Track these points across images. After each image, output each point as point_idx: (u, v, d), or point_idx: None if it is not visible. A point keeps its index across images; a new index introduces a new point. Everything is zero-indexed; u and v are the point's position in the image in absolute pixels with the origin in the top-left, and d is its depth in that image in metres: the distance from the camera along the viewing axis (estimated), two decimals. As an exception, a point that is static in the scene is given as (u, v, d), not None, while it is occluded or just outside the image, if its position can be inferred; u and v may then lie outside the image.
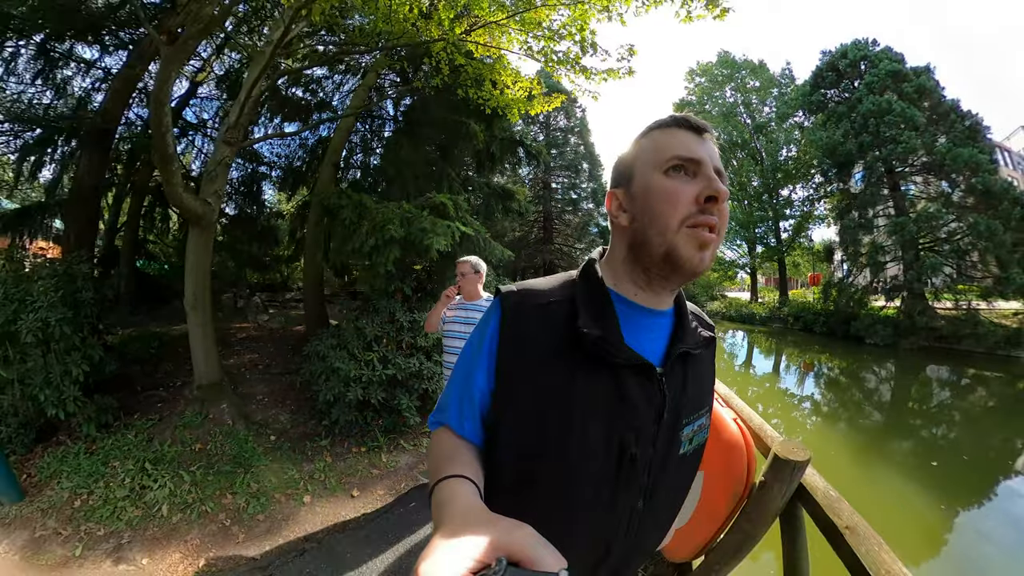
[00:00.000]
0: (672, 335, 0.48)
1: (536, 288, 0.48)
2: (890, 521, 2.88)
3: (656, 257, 0.43)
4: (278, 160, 6.51)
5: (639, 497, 0.45)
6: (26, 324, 2.27)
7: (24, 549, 1.82)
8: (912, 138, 10.95)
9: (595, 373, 0.42)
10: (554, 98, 3.44)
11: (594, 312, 0.44)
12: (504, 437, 0.44)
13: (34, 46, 4.41)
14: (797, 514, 0.91)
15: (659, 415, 0.44)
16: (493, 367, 0.46)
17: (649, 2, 2.38)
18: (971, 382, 7.95)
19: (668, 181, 0.42)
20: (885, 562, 0.67)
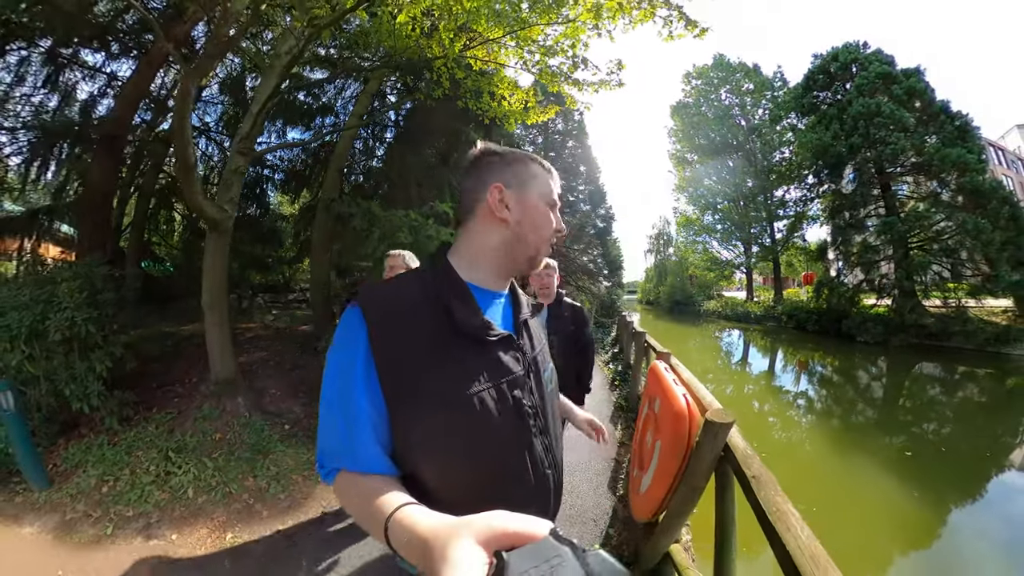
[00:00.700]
0: (514, 309, 0.59)
1: (392, 293, 0.50)
2: (866, 504, 3.02)
3: (526, 255, 0.56)
4: (281, 163, 6.64)
5: (542, 433, 0.54)
6: (54, 323, 2.42)
7: (56, 530, 1.96)
8: (901, 139, 11.18)
9: (476, 354, 0.48)
10: (549, 109, 3.62)
11: (464, 304, 0.49)
12: (418, 445, 0.45)
13: (41, 52, 4.53)
14: (726, 471, 1.12)
15: (527, 370, 0.54)
16: (376, 387, 0.44)
17: (634, 21, 2.55)
18: (959, 378, 8.09)
19: (548, 210, 0.57)
20: (777, 502, 0.85)
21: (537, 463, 0.52)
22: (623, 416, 3.65)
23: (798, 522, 0.78)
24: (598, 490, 2.30)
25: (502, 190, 0.54)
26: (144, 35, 4.56)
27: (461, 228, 0.57)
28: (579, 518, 2.02)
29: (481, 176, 0.55)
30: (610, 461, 2.68)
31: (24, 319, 2.40)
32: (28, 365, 2.44)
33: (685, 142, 21.87)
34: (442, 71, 3.11)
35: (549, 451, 0.54)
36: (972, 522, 2.97)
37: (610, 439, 3.07)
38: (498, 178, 0.54)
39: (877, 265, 12.30)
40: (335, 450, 0.46)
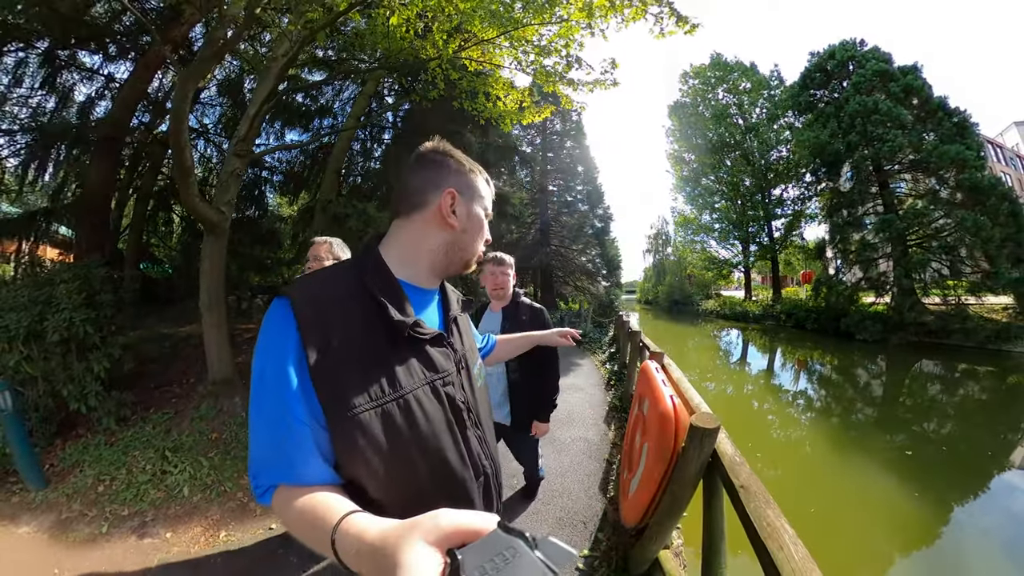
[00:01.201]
0: (443, 307, 0.60)
1: (324, 288, 0.48)
2: (865, 503, 3.01)
3: (464, 259, 0.57)
4: (280, 165, 6.67)
5: (475, 426, 0.55)
6: (52, 324, 2.43)
7: (52, 529, 1.97)
8: (899, 136, 11.19)
9: (409, 353, 0.48)
10: (543, 109, 3.65)
11: (397, 302, 0.49)
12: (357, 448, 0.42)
13: (39, 54, 4.55)
14: (713, 479, 1.05)
15: (458, 366, 0.55)
16: (311, 390, 0.42)
17: (627, 20, 2.57)
18: (959, 376, 8.04)
19: (485, 221, 0.59)
20: (768, 516, 0.78)
21: (475, 456, 0.53)
22: (617, 416, 3.60)
23: (792, 540, 0.71)
24: (589, 491, 2.24)
25: (455, 197, 0.53)
26: (141, 37, 4.59)
27: (400, 221, 0.55)
28: (569, 520, 1.96)
29: (436, 176, 0.54)
30: (601, 462, 2.62)
31: (22, 320, 2.42)
32: (26, 366, 2.46)
33: (683, 142, 21.88)
34: (437, 72, 3.13)
35: (484, 443, 0.56)
36: (973, 521, 2.95)
37: (603, 439, 3.05)
38: (452, 183, 0.54)
39: (876, 263, 12.30)
40: (269, 463, 0.43)
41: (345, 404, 0.42)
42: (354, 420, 0.42)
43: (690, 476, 1.10)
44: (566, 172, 15.10)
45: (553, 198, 15.01)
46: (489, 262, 1.57)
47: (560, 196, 15.17)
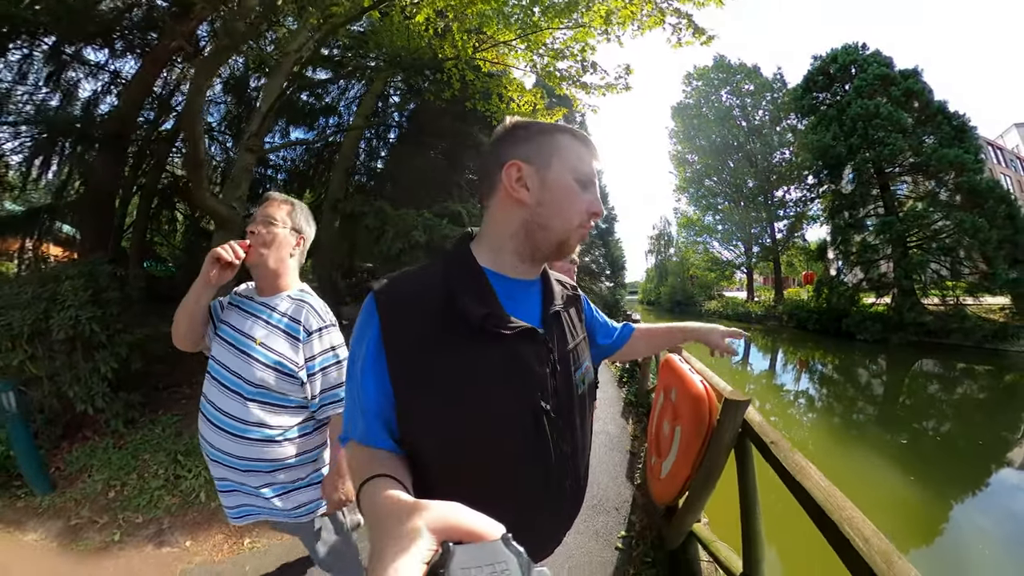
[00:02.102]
0: (544, 299, 0.54)
1: (406, 280, 0.49)
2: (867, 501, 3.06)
3: (552, 241, 0.50)
4: (284, 163, 6.60)
5: (561, 439, 0.49)
6: (58, 322, 2.35)
7: (61, 537, 1.89)
8: (899, 140, 11.31)
9: (489, 347, 0.45)
10: (555, 111, 3.65)
11: (474, 292, 0.46)
12: (421, 436, 0.45)
13: (44, 49, 4.47)
14: (745, 445, 1.22)
15: (553, 368, 0.49)
16: (385, 375, 0.45)
17: (644, 27, 2.57)
18: (958, 375, 8.18)
19: (578, 188, 0.50)
20: (796, 460, 0.97)
21: (551, 471, 0.48)
22: (633, 411, 3.72)
23: (816, 473, 0.89)
24: (617, 480, 2.38)
25: (520, 168, 0.48)
26: (148, 33, 4.51)
27: (485, 211, 0.53)
28: (602, 507, 2.07)
29: (500, 152, 0.50)
30: (625, 454, 2.76)
31: (26, 317, 2.34)
32: (30, 365, 2.38)
33: (686, 143, 21.99)
34: (453, 72, 3.11)
35: (568, 459, 0.51)
36: (975, 518, 3.01)
37: (623, 433, 3.16)
38: (517, 154, 0.49)
39: (876, 264, 12.41)
40: (349, 423, 0.49)
41: (414, 397, 0.44)
42: (420, 412, 0.44)
43: (724, 446, 1.25)
44: (569, 172, 15.07)
45: (556, 198, 14.97)
46: None
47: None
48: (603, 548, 1.76)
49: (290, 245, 0.96)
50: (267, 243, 0.92)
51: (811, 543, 0.78)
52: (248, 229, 0.94)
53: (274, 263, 0.93)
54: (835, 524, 0.73)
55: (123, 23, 4.52)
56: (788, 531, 1.05)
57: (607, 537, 1.84)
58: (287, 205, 0.99)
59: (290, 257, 0.97)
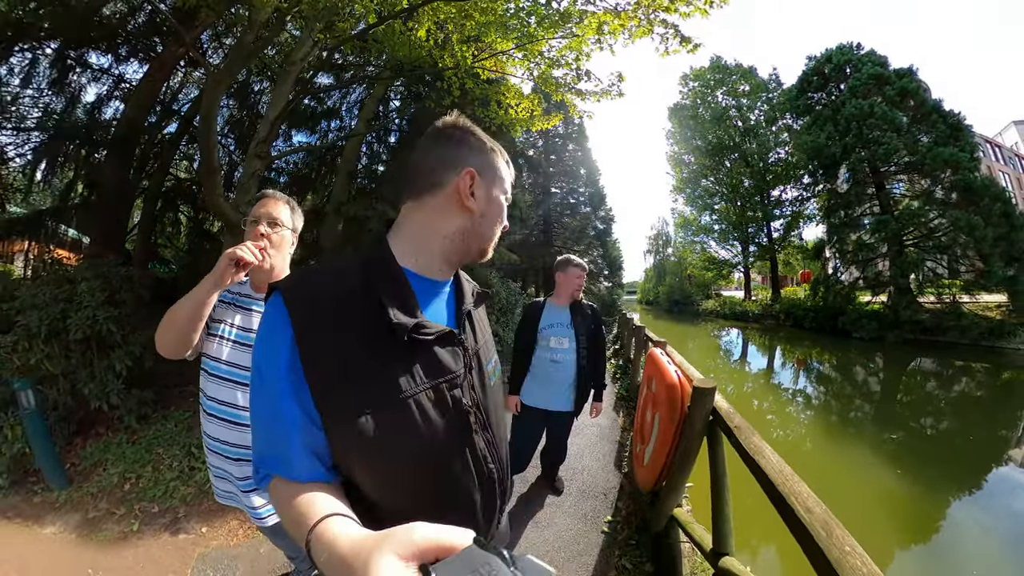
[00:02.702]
0: (456, 299, 0.55)
1: (321, 280, 0.45)
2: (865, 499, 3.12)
3: (479, 248, 0.52)
4: (286, 167, 6.69)
5: (484, 429, 0.51)
6: (75, 322, 2.44)
7: (79, 529, 1.97)
8: (894, 139, 11.41)
9: (411, 354, 0.44)
10: (553, 117, 3.77)
11: (400, 300, 0.44)
12: (353, 451, 0.41)
13: (48, 53, 4.55)
14: (716, 431, 1.31)
15: (468, 367, 0.50)
16: (305, 390, 0.40)
17: (634, 36, 2.69)
18: (955, 373, 8.17)
19: (504, 205, 0.54)
20: (754, 442, 1.06)
21: (479, 460, 0.50)
22: (624, 405, 3.84)
23: (771, 454, 0.98)
24: (605, 468, 2.48)
25: (475, 177, 0.49)
26: (152, 38, 4.60)
27: (411, 205, 0.50)
28: (591, 492, 2.18)
29: (454, 154, 0.49)
30: (614, 444, 2.87)
31: (43, 318, 2.43)
32: (47, 364, 2.47)
33: (682, 144, 22.11)
34: (453, 80, 3.22)
35: (492, 446, 0.52)
36: (973, 514, 3.04)
37: (613, 424, 3.27)
38: (472, 162, 0.49)
39: (873, 262, 12.50)
40: (266, 456, 0.43)
41: (340, 408, 0.41)
42: (349, 425, 0.40)
43: (697, 430, 1.35)
44: (569, 175, 15.22)
45: (556, 200, 15.13)
46: (576, 267, 1.77)
47: (563, 198, 15.30)
48: (590, 530, 1.86)
49: (290, 244, 0.99)
50: (276, 245, 0.94)
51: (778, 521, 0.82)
52: (257, 231, 0.91)
53: (279, 264, 0.96)
54: (782, 497, 0.79)
55: (127, 28, 4.60)
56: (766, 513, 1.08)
57: (594, 520, 1.93)
58: (287, 205, 0.99)
59: (288, 254, 1.00)
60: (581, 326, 1.74)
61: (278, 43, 4.63)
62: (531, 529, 1.85)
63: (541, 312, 1.79)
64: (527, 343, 1.78)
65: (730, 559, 1.16)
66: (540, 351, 1.76)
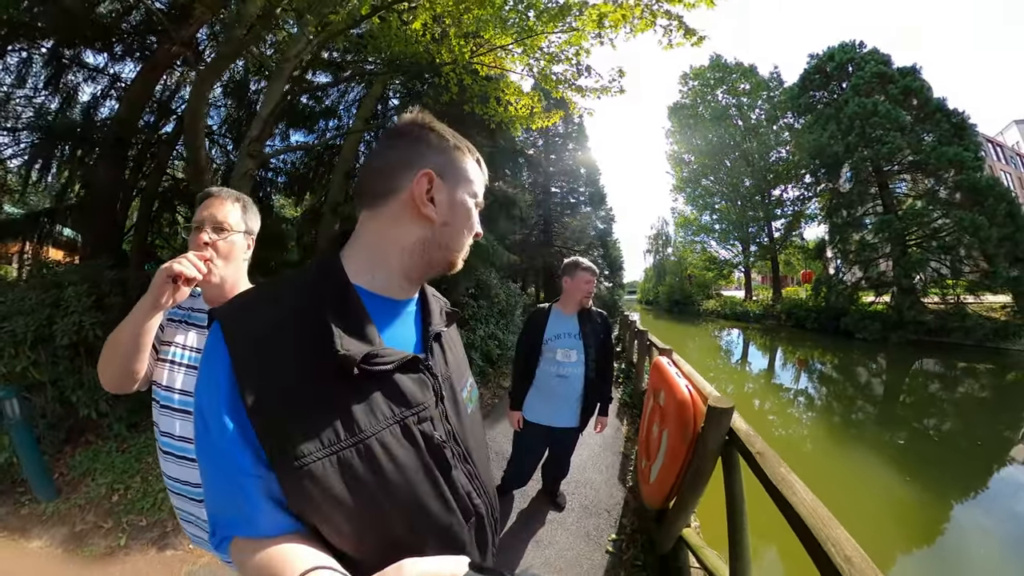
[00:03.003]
0: (422, 320, 0.49)
1: (263, 303, 0.40)
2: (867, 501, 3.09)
3: (444, 260, 0.46)
4: (284, 167, 6.62)
5: (464, 461, 0.46)
6: (61, 328, 2.37)
7: (66, 543, 1.90)
8: (898, 138, 11.34)
9: (369, 388, 0.39)
10: (553, 114, 3.69)
11: (351, 325, 0.39)
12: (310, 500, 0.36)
13: (43, 53, 4.50)
14: (731, 452, 1.21)
15: (438, 395, 0.45)
16: (251, 434, 0.35)
17: (636, 29, 2.61)
18: (959, 374, 8.13)
19: (473, 210, 0.47)
20: (782, 474, 0.97)
21: (462, 496, 0.45)
22: (628, 412, 3.73)
23: (803, 488, 0.90)
24: (609, 482, 2.39)
25: (433, 179, 0.43)
26: (148, 37, 4.54)
27: (366, 215, 0.45)
28: (594, 509, 2.09)
29: (408, 155, 0.43)
30: (618, 455, 2.77)
31: (29, 324, 2.36)
32: (33, 371, 2.40)
33: (682, 143, 22.04)
34: (451, 76, 3.14)
35: (474, 479, 0.48)
36: (977, 518, 3.01)
37: (617, 434, 3.14)
38: (430, 163, 0.43)
39: (875, 263, 12.43)
40: (222, 514, 0.37)
41: (292, 453, 0.35)
42: (304, 471, 0.35)
43: (711, 452, 1.25)
44: (569, 174, 15.16)
45: (556, 199, 15.07)
46: (585, 271, 1.59)
47: (563, 198, 15.24)
48: (593, 550, 1.78)
49: (244, 250, 0.83)
50: (224, 255, 0.78)
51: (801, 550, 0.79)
52: (199, 239, 0.76)
53: (231, 274, 0.80)
54: (818, 543, 0.73)
55: (122, 27, 4.54)
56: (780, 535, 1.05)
57: (598, 539, 1.85)
58: (238, 204, 0.83)
59: (243, 262, 0.84)
60: (590, 336, 1.59)
61: (275, 42, 4.57)
62: (532, 548, 1.77)
63: (546, 321, 1.62)
64: (530, 355, 1.61)
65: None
66: (545, 364, 1.60)
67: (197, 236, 0.77)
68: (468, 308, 4.32)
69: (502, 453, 2.69)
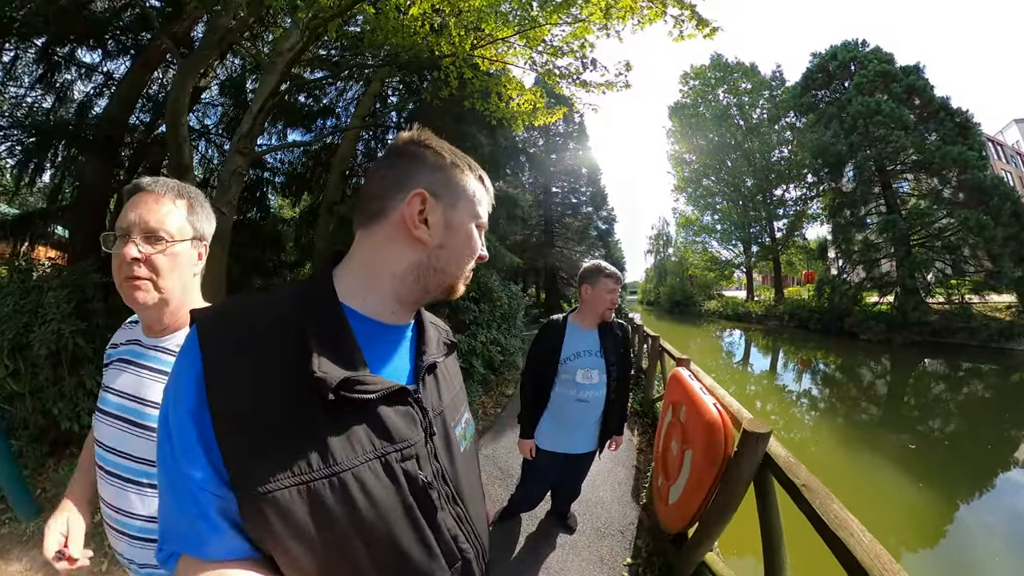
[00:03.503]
0: (417, 349, 0.46)
1: (245, 314, 0.37)
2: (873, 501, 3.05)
3: (443, 286, 0.44)
4: (281, 166, 6.51)
5: (452, 503, 0.43)
6: (39, 336, 2.25)
7: (46, 567, 1.79)
8: (901, 137, 11.26)
9: (349, 417, 0.36)
10: (556, 110, 3.58)
11: (331, 346, 0.36)
12: (272, 534, 0.33)
13: (35, 50, 4.39)
14: (766, 478, 1.13)
15: (427, 432, 0.41)
16: (215, 451, 0.33)
17: (644, 21, 2.49)
18: (964, 375, 8.12)
19: (475, 233, 0.45)
20: (835, 510, 0.86)
21: (446, 540, 0.41)
22: (639, 422, 3.58)
23: (858, 527, 0.81)
24: (622, 500, 2.27)
25: (426, 200, 0.41)
26: (141, 33, 4.43)
27: (361, 234, 0.43)
28: (606, 531, 1.97)
29: (403, 174, 0.41)
30: (631, 468, 2.64)
31: (6, 332, 2.24)
32: (11, 382, 2.27)
33: (683, 143, 21.97)
34: (450, 70, 3.03)
35: (463, 522, 0.44)
36: (985, 519, 2.99)
37: (628, 445, 3.00)
38: (424, 181, 0.41)
39: (879, 263, 12.35)
40: (174, 529, 0.34)
41: (256, 477, 0.32)
42: (267, 498, 0.32)
43: (743, 479, 1.16)
44: (570, 174, 15.08)
45: (557, 199, 14.98)
46: (609, 277, 1.38)
47: (564, 198, 15.17)
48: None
49: (192, 261, 0.63)
50: (159, 271, 0.58)
51: None
52: (124, 256, 0.56)
53: (176, 292, 0.61)
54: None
55: (116, 24, 4.43)
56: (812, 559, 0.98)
57: (612, 564, 1.74)
58: (182, 202, 0.62)
59: (192, 277, 0.64)
60: (612, 352, 1.40)
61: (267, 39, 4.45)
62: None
63: (563, 337, 1.40)
64: (543, 377, 1.40)
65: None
66: (562, 387, 1.39)
67: (121, 252, 0.56)
68: (469, 313, 4.20)
69: (507, 471, 2.58)
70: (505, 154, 5.55)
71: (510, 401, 4.12)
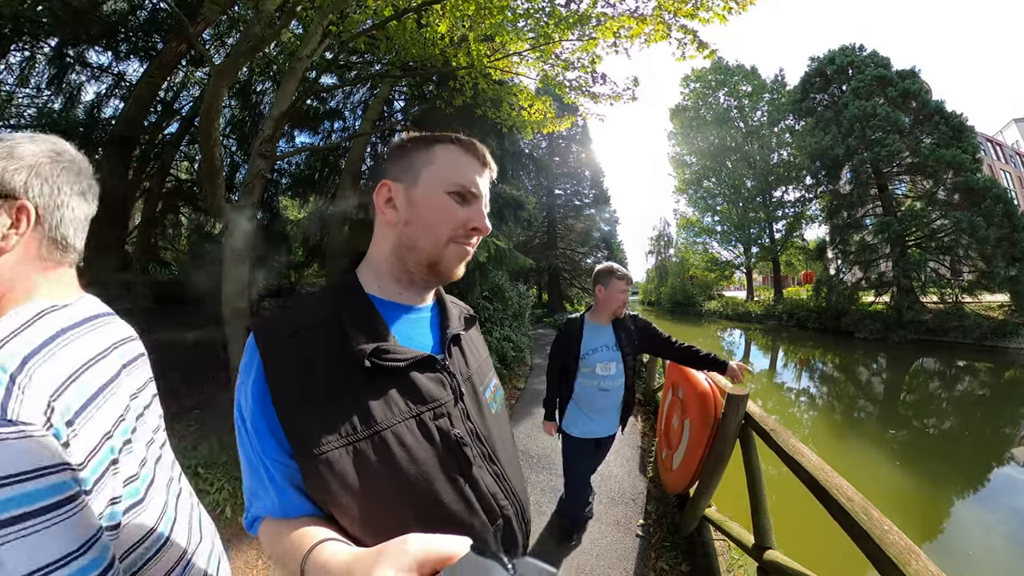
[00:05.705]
0: (440, 324, 0.52)
1: (292, 314, 0.45)
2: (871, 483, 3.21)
3: (422, 261, 0.47)
4: (289, 168, 6.58)
5: (488, 461, 0.47)
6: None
7: None
8: (897, 141, 11.43)
9: (385, 384, 0.42)
10: (565, 119, 3.71)
11: (363, 326, 0.43)
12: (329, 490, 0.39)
13: (46, 52, 4.44)
14: (748, 434, 1.41)
15: (457, 394, 0.46)
16: (277, 425, 0.40)
17: (650, 40, 2.65)
18: (957, 372, 8.24)
19: (449, 201, 0.46)
20: (794, 445, 1.13)
21: (485, 496, 0.45)
22: (641, 409, 3.83)
23: (809, 452, 1.08)
24: (631, 473, 2.54)
25: (390, 187, 0.47)
26: (153, 35, 4.49)
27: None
28: (620, 499, 2.22)
29: (379, 174, 0.49)
30: (636, 449, 2.91)
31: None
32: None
33: (684, 145, 22.11)
34: (466, 80, 3.15)
35: (501, 480, 0.47)
36: (978, 514, 3.06)
37: (632, 429, 3.27)
38: (389, 173, 0.48)
39: (875, 263, 12.52)
40: (255, 496, 0.43)
41: (311, 442, 0.39)
42: (321, 459, 0.39)
43: (731, 435, 1.42)
44: (573, 176, 15.17)
45: (560, 201, 15.06)
46: (621, 279, 1.52)
47: (567, 200, 15.25)
48: (624, 535, 1.89)
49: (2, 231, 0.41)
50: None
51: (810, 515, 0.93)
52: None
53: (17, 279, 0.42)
54: (825, 490, 0.90)
55: (127, 25, 4.49)
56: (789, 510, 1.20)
57: (627, 526, 1.96)
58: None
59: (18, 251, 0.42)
60: (626, 345, 1.57)
61: (281, 43, 4.53)
62: (566, 537, 1.86)
63: (581, 334, 1.57)
64: (566, 369, 1.58)
65: (774, 552, 1.24)
66: (584, 378, 1.56)
67: None
68: (484, 311, 4.32)
69: (525, 451, 2.82)
70: (513, 159, 5.65)
71: (522, 394, 4.36)
